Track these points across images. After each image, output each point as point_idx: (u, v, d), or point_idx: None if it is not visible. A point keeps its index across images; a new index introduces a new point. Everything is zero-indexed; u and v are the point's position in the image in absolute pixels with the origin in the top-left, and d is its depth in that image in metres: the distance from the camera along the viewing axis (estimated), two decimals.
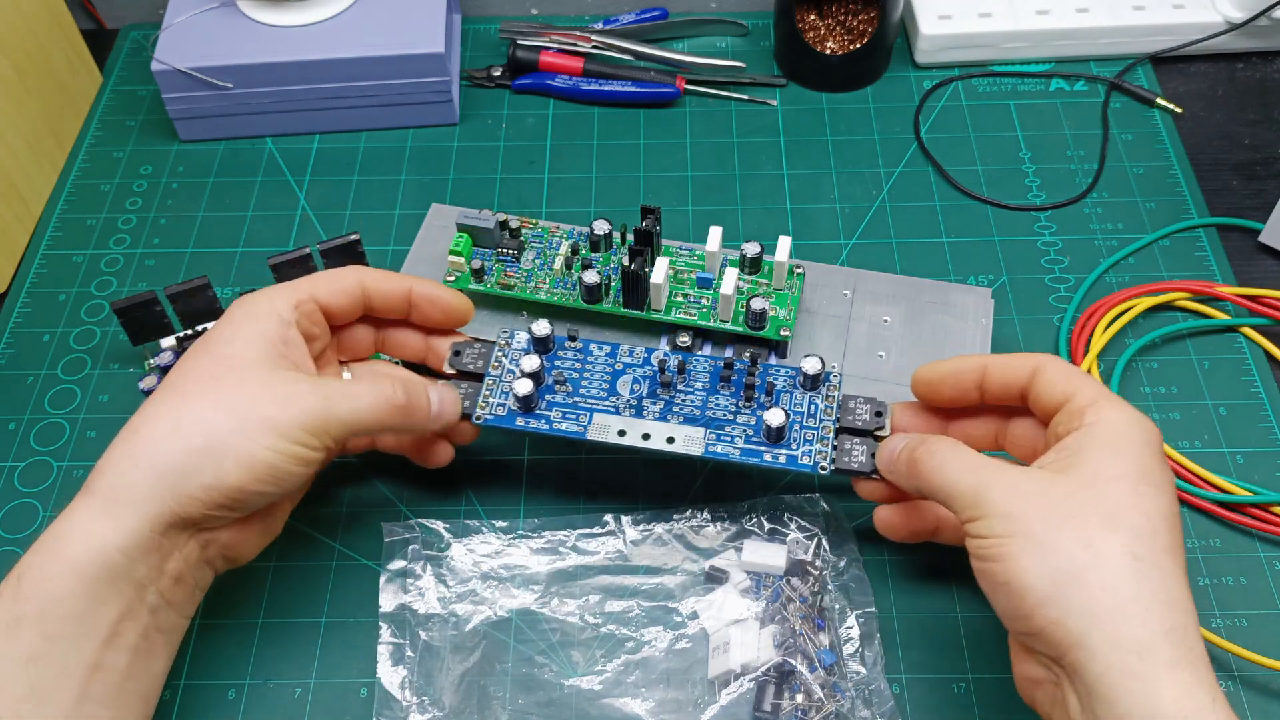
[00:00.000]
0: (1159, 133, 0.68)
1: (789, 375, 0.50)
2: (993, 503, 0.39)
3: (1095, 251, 0.63)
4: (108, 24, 0.77)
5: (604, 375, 0.50)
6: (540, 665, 0.48)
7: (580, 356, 0.51)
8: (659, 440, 0.48)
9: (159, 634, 0.42)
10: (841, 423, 0.48)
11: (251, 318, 0.45)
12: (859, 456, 0.48)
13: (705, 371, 0.50)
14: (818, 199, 0.66)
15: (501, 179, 0.67)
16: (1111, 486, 0.39)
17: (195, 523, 0.42)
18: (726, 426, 0.49)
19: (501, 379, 0.50)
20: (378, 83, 0.67)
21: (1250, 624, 0.49)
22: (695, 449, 0.48)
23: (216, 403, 0.42)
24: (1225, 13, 0.70)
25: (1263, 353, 0.58)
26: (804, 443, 0.48)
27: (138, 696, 0.41)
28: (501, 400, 0.50)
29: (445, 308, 0.50)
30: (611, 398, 0.50)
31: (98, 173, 0.69)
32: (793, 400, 0.49)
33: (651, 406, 0.49)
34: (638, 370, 0.50)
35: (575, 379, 0.50)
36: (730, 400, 0.49)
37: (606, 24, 0.74)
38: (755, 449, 0.48)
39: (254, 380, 0.43)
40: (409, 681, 0.47)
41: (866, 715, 0.45)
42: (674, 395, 0.50)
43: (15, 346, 0.60)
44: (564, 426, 0.49)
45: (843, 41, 0.70)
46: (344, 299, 0.48)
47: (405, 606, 0.49)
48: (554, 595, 0.50)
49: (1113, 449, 0.40)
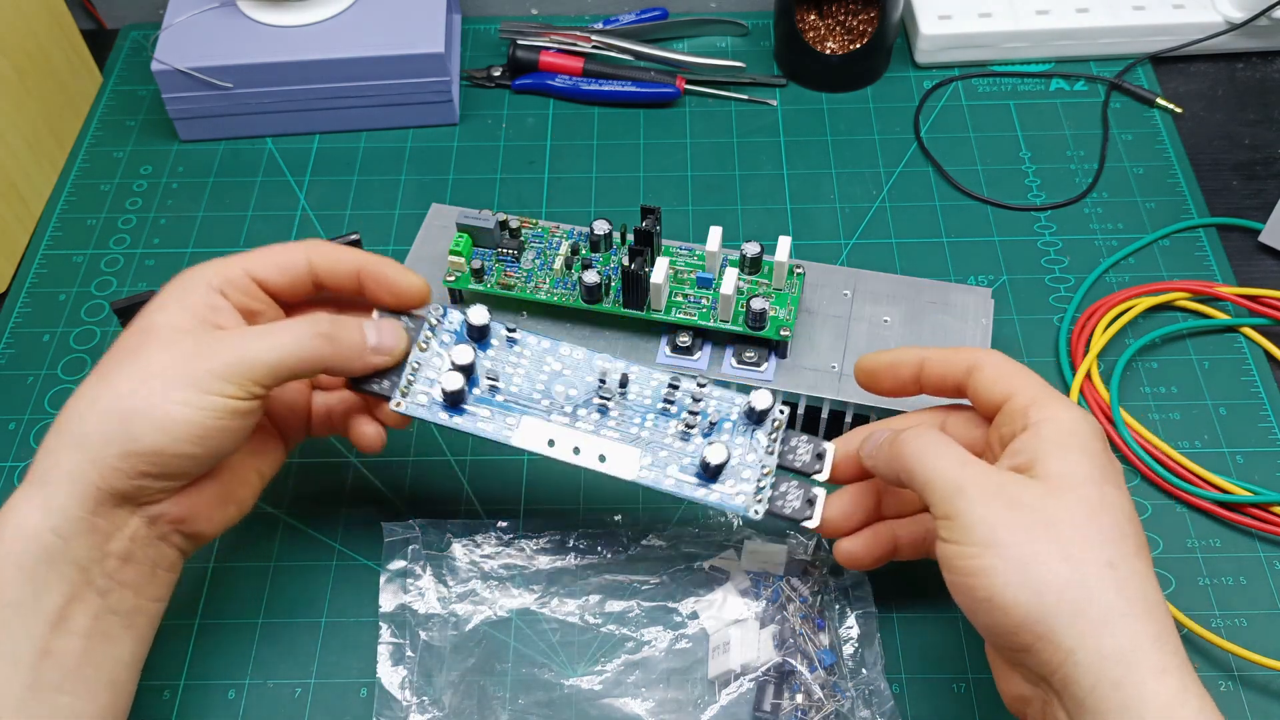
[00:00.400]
0: (1159, 133, 0.68)
1: (736, 405, 0.47)
2: (969, 504, 0.38)
3: (1095, 251, 0.63)
4: (108, 24, 0.77)
5: (540, 374, 0.47)
6: (540, 665, 0.48)
7: (518, 351, 0.47)
8: (589, 457, 0.45)
9: (114, 616, 0.41)
10: (781, 461, 0.46)
11: (176, 288, 0.43)
12: (793, 501, 0.45)
13: (649, 387, 0.47)
14: (818, 199, 0.66)
15: (501, 179, 0.67)
16: (1078, 492, 0.38)
17: (130, 496, 0.40)
18: (663, 452, 0.46)
19: (428, 363, 0.46)
20: (378, 83, 0.67)
21: (1250, 624, 0.49)
22: (626, 472, 0.45)
23: (133, 370, 0.40)
24: (1225, 13, 0.70)
25: (1263, 353, 0.58)
26: (740, 480, 0.45)
27: (102, 683, 0.40)
28: (426, 389, 0.46)
29: (394, 289, 0.46)
30: (545, 400, 0.46)
31: (98, 173, 0.69)
32: (735, 430, 0.46)
33: (588, 416, 0.46)
34: (579, 372, 0.47)
35: (509, 374, 0.46)
36: (672, 423, 0.46)
37: (606, 24, 0.74)
38: (688, 481, 0.45)
39: (173, 343, 0.41)
40: (409, 681, 0.47)
41: (866, 715, 0.45)
42: (612, 407, 0.46)
43: (15, 346, 0.60)
44: (489, 429, 0.45)
45: (843, 41, 0.70)
46: (282, 275, 0.45)
47: (405, 606, 0.49)
48: (554, 595, 0.50)
49: (1068, 451, 0.39)
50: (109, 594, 0.40)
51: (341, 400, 0.49)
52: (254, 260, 0.45)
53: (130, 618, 0.41)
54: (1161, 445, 0.54)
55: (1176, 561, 0.51)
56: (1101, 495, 0.38)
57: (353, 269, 0.46)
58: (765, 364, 0.52)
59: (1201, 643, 0.48)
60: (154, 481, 0.40)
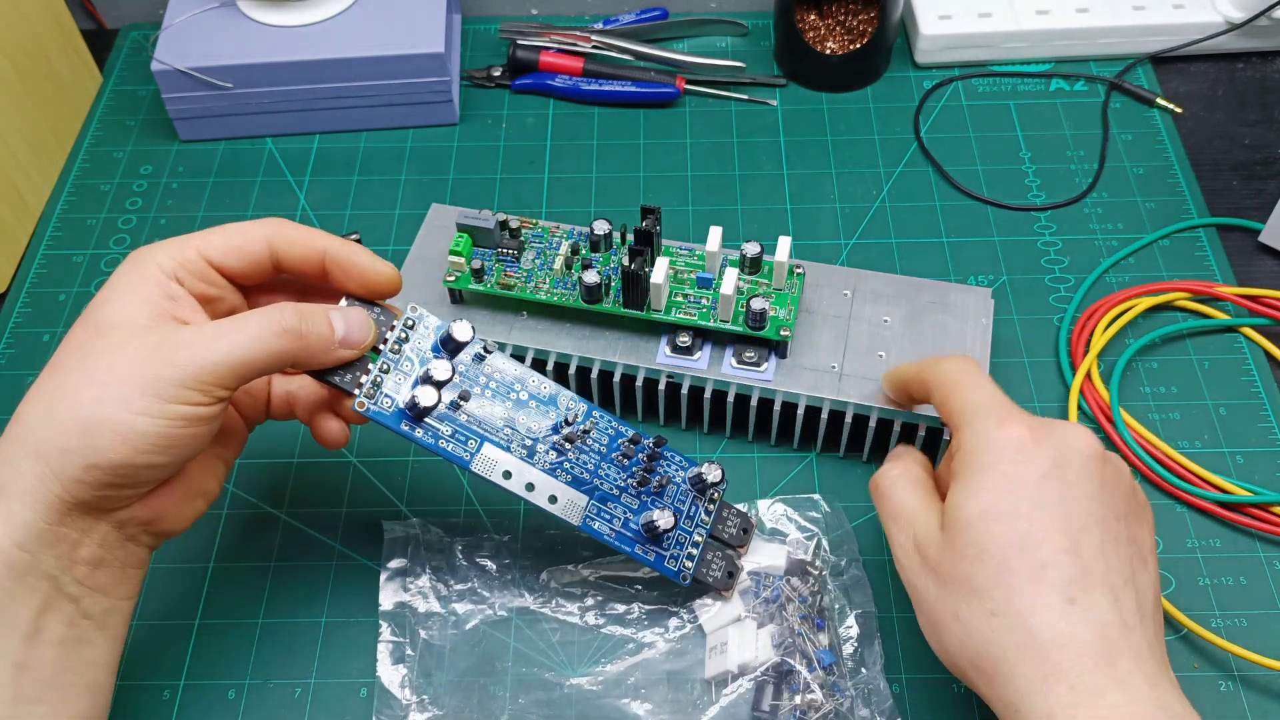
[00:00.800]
0: (1159, 133, 0.68)
1: (685, 470, 0.49)
2: (907, 575, 0.41)
3: (1095, 251, 0.63)
4: (108, 24, 0.77)
5: (507, 401, 0.46)
6: (540, 665, 0.48)
7: (488, 372, 0.46)
8: (541, 495, 0.45)
9: (87, 621, 0.40)
10: (712, 531, 0.48)
11: (129, 276, 0.40)
12: (715, 572, 0.48)
13: (608, 435, 0.47)
14: (818, 199, 0.66)
15: (501, 179, 0.67)
16: (965, 536, 0.38)
17: (95, 505, 0.38)
18: (609, 503, 0.46)
19: (398, 366, 0.44)
20: (378, 83, 0.67)
21: (1250, 624, 0.49)
22: (574, 517, 0.46)
23: (89, 374, 0.38)
24: (1225, 13, 0.70)
25: (1263, 353, 0.58)
26: (676, 545, 0.47)
27: (79, 688, 0.40)
28: (393, 393, 0.44)
29: (363, 277, 0.43)
30: (507, 430, 0.46)
31: (98, 173, 0.69)
32: (678, 492, 0.48)
33: (545, 455, 0.46)
34: (544, 408, 0.47)
35: (477, 394, 0.46)
36: (623, 476, 0.47)
37: (606, 24, 0.74)
38: (629, 538, 0.46)
39: (129, 343, 0.38)
40: (409, 680, 0.47)
41: (866, 715, 0.45)
42: (570, 450, 0.46)
43: (15, 346, 0.60)
44: (450, 448, 0.44)
45: (843, 41, 0.70)
46: (241, 259, 0.42)
47: (405, 605, 0.49)
48: (554, 595, 0.50)
49: (969, 487, 0.39)
50: (81, 600, 0.39)
51: (302, 386, 0.47)
52: (210, 243, 0.42)
53: (103, 619, 0.40)
54: (1161, 445, 0.54)
55: (1176, 561, 0.51)
56: (989, 533, 0.38)
57: (317, 253, 0.43)
58: (765, 364, 0.52)
59: (1201, 643, 0.48)
60: (119, 491, 0.39)
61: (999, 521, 0.38)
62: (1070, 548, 0.38)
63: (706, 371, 0.52)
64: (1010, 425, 0.40)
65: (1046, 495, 0.38)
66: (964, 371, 0.43)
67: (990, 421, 0.40)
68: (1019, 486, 0.39)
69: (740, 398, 0.53)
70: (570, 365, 0.54)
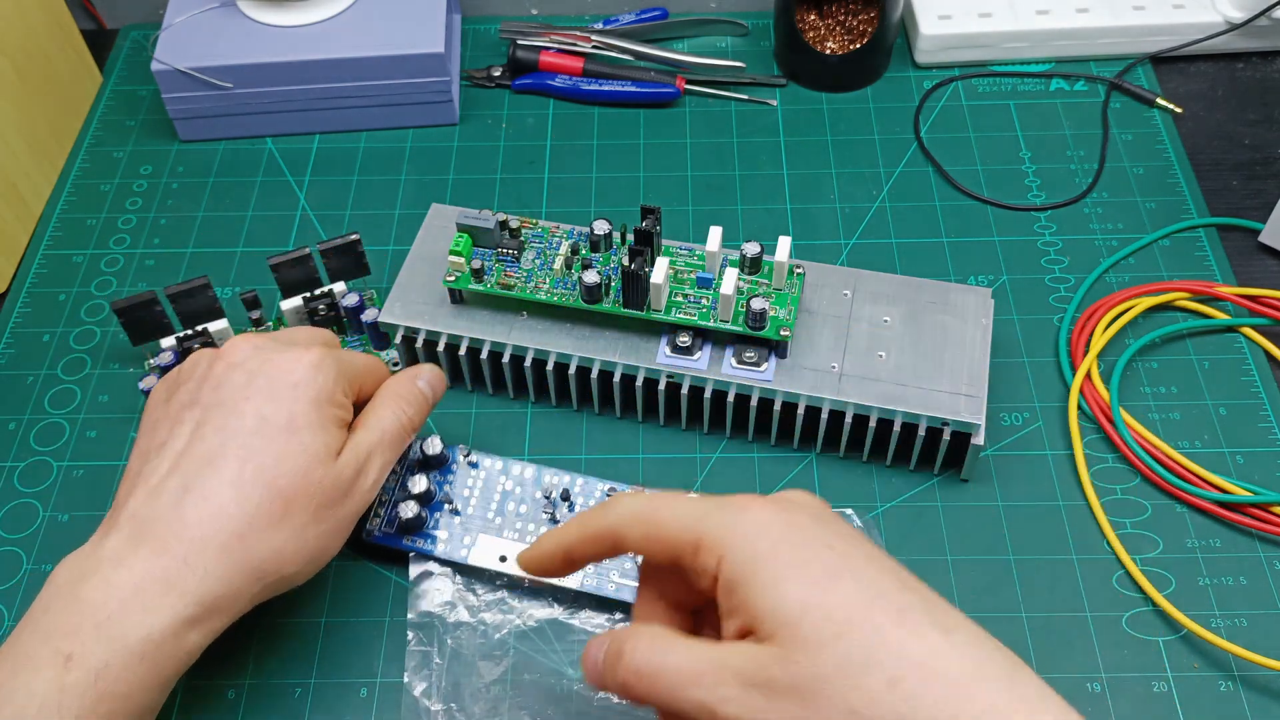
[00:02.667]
0: (1159, 133, 0.68)
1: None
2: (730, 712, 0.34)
3: (1095, 251, 0.63)
4: (108, 24, 0.77)
5: (494, 494, 0.51)
6: (569, 677, 0.47)
7: (471, 474, 0.52)
8: None
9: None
10: None
11: (317, 399, 0.45)
12: None
13: (593, 498, 0.51)
14: (818, 199, 0.66)
15: (501, 179, 0.67)
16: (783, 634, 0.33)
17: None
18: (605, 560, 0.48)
19: (394, 493, 0.51)
20: (378, 83, 0.67)
21: (1250, 624, 0.49)
22: (571, 582, 0.49)
23: (282, 526, 0.43)
24: (1225, 13, 0.70)
25: (1263, 353, 0.58)
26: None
27: None
28: (391, 516, 0.51)
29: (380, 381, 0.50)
30: (498, 519, 0.51)
31: (98, 173, 0.69)
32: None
33: (537, 531, 0.50)
34: (527, 489, 0.51)
35: (465, 497, 0.51)
36: None
37: (606, 24, 0.74)
38: (629, 586, 0.49)
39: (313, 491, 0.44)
40: (436, 689, 0.47)
41: None
42: (560, 518, 0.50)
43: (15, 346, 0.60)
44: (444, 549, 0.50)
45: (843, 41, 0.70)
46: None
47: (433, 614, 0.49)
48: (584, 606, 0.49)
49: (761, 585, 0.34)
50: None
51: None
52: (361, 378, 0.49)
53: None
54: (1161, 445, 0.54)
55: (1176, 561, 0.51)
56: (832, 602, 0.33)
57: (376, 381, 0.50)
58: (765, 364, 0.52)
59: (1201, 643, 0.48)
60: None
61: (831, 586, 0.34)
62: (903, 579, 0.35)
63: (706, 371, 0.53)
64: (745, 502, 0.36)
65: (839, 542, 0.35)
66: (645, 503, 0.38)
67: (729, 512, 0.36)
68: (811, 545, 0.35)
69: (740, 398, 0.53)
70: (570, 365, 0.54)
